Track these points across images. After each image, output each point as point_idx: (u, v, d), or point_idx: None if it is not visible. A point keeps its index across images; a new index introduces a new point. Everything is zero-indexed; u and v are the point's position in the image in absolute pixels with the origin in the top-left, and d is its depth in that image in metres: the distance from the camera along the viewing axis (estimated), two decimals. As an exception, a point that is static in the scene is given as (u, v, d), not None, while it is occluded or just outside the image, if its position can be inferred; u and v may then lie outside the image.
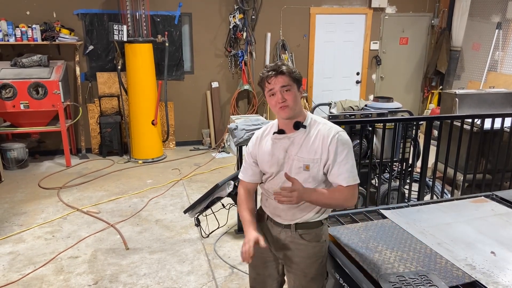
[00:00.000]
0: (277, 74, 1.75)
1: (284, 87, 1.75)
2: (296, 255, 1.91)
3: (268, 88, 1.78)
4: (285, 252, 1.94)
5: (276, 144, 1.86)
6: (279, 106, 1.76)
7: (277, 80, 1.75)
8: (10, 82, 5.34)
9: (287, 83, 1.75)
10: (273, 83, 1.75)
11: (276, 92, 1.76)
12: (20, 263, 3.43)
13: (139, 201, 4.67)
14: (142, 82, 5.91)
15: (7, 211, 4.39)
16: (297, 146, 1.82)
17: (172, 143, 6.81)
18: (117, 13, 6.01)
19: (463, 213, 2.39)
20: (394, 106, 4.26)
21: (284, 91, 1.75)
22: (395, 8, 7.34)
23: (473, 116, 3.82)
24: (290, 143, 1.83)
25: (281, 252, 1.95)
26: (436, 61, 7.50)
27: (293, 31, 6.92)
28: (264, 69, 1.80)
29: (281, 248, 1.94)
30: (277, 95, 1.76)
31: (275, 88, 1.76)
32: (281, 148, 1.85)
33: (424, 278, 1.70)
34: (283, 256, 1.96)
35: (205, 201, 3.51)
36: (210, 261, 3.47)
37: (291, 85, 1.76)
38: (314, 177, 1.81)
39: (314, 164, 1.79)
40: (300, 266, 1.91)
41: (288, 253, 1.93)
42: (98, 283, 3.17)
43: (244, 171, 2.01)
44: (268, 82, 1.77)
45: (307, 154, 1.80)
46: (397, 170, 4.24)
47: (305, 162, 1.79)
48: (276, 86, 1.75)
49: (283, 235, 1.92)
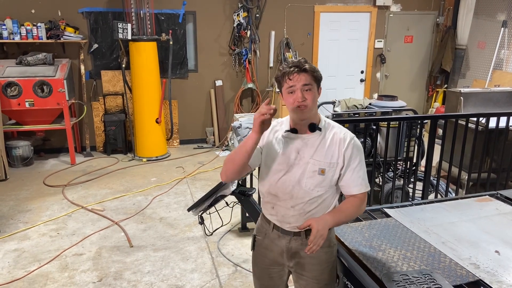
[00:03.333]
0: (300, 71, 1.65)
1: (306, 86, 1.66)
2: (308, 263, 1.84)
3: (289, 85, 1.67)
4: (296, 260, 1.86)
5: (287, 143, 1.77)
6: (298, 104, 1.66)
7: (299, 77, 1.65)
8: (15, 80, 5.36)
9: (309, 81, 1.67)
10: (294, 80, 1.66)
11: (296, 90, 1.66)
12: (25, 260, 3.45)
13: (143, 199, 4.69)
14: (146, 81, 5.92)
15: (12, 209, 4.42)
16: (311, 148, 1.74)
17: (176, 141, 6.83)
18: (121, 11, 6.02)
19: (467, 212, 2.38)
20: (398, 105, 4.25)
21: (305, 90, 1.66)
22: (400, 6, 7.31)
23: (478, 114, 3.80)
24: (303, 144, 1.75)
25: (292, 261, 1.87)
26: (441, 60, 7.47)
27: (297, 30, 6.91)
28: (285, 64, 1.70)
29: (292, 256, 1.86)
30: (296, 93, 1.66)
31: (296, 86, 1.66)
32: (293, 148, 1.76)
33: (428, 277, 1.70)
34: (294, 265, 1.88)
35: (208, 199, 3.51)
36: (214, 259, 3.48)
37: (312, 84, 1.68)
38: (328, 181, 1.75)
39: (330, 168, 1.73)
40: (313, 273, 1.85)
41: (300, 261, 1.85)
42: (103, 280, 3.19)
43: None
44: (289, 78, 1.66)
45: (323, 158, 1.73)
46: (401, 169, 4.23)
47: (321, 166, 1.73)
48: (298, 83, 1.66)
49: (293, 244, 1.83)
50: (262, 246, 1.92)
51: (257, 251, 1.96)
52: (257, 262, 1.98)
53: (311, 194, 1.75)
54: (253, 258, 2.01)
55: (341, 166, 1.74)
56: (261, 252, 1.93)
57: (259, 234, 1.94)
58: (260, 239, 1.93)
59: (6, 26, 5.48)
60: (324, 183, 1.74)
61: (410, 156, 4.02)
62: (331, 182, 1.76)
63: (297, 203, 1.76)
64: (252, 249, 1.99)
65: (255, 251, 1.97)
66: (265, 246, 1.91)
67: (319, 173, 1.73)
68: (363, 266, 1.85)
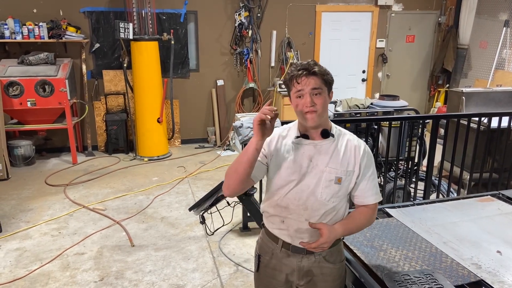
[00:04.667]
0: (309, 74, 1.55)
1: (315, 90, 1.55)
2: (321, 280, 1.74)
3: (297, 89, 1.57)
4: (308, 278, 1.74)
5: (298, 150, 1.65)
6: (307, 110, 1.56)
7: (308, 81, 1.55)
8: (17, 79, 5.37)
9: (319, 85, 1.56)
10: (303, 84, 1.55)
11: (305, 94, 1.56)
12: (27, 259, 3.46)
13: (145, 199, 4.69)
14: (148, 80, 5.92)
15: (14, 208, 4.43)
16: (325, 156, 1.63)
17: (178, 141, 6.83)
18: (123, 11, 6.03)
19: (469, 212, 2.37)
20: (400, 105, 4.25)
21: (314, 94, 1.56)
22: (402, 5, 7.30)
23: (480, 114, 3.80)
24: (316, 151, 1.64)
25: (304, 279, 1.74)
26: (443, 59, 7.45)
27: (298, 29, 6.90)
28: (293, 67, 1.59)
29: (304, 275, 1.74)
30: (305, 98, 1.56)
31: (304, 90, 1.55)
32: (305, 156, 1.64)
33: (430, 277, 1.70)
34: (305, 283, 1.75)
35: (210, 199, 3.52)
36: (215, 259, 3.48)
37: (322, 88, 1.57)
38: (344, 191, 1.66)
39: (347, 176, 1.63)
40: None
41: (313, 279, 1.74)
42: (104, 279, 3.19)
43: None
44: (297, 82, 1.56)
45: (339, 166, 1.63)
46: (403, 168, 4.22)
47: (337, 175, 1.62)
48: (306, 87, 1.55)
49: (305, 262, 1.71)
50: (269, 267, 1.78)
51: (263, 272, 1.82)
52: (262, 283, 1.85)
53: (327, 205, 1.64)
54: (257, 278, 1.87)
55: (357, 174, 1.65)
56: (268, 273, 1.80)
57: (264, 254, 1.79)
58: (267, 259, 1.78)
59: (8, 26, 5.48)
60: (340, 193, 1.65)
61: (411, 156, 4.02)
62: (346, 192, 1.67)
63: (312, 216, 1.64)
64: (256, 271, 1.85)
65: (259, 272, 1.83)
66: (273, 267, 1.77)
67: (336, 182, 1.63)
68: (365, 266, 1.84)
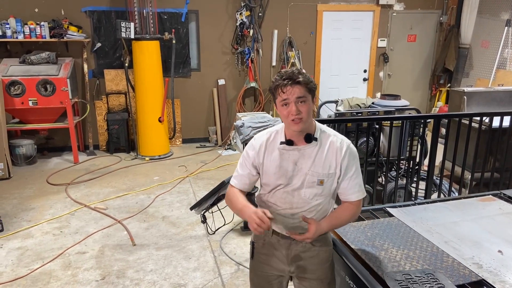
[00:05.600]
0: (294, 83, 1.60)
1: (300, 98, 1.62)
2: (310, 263, 1.85)
3: (282, 98, 1.63)
4: (298, 263, 1.85)
5: (283, 155, 1.74)
6: (292, 118, 1.63)
7: (293, 90, 1.60)
8: (18, 79, 5.38)
9: (303, 94, 1.62)
10: (288, 93, 1.61)
11: (290, 103, 1.62)
12: (29, 258, 3.47)
13: (146, 198, 4.70)
14: (149, 80, 5.93)
15: (16, 207, 4.44)
16: (308, 159, 1.72)
17: (179, 140, 6.84)
18: (124, 10, 6.04)
19: (470, 211, 2.37)
20: (401, 104, 4.24)
21: (299, 102, 1.62)
22: (403, 5, 7.29)
23: (482, 114, 3.78)
24: (300, 155, 1.73)
25: (294, 265, 1.86)
26: (444, 59, 7.44)
27: (300, 29, 6.90)
28: (278, 76, 1.65)
29: (293, 260, 1.85)
30: (291, 106, 1.62)
31: (290, 99, 1.62)
32: (290, 160, 1.74)
33: (431, 277, 1.70)
34: (295, 268, 1.86)
35: (211, 198, 3.53)
36: (216, 258, 3.48)
37: (307, 96, 1.63)
38: (327, 191, 1.77)
39: (329, 178, 1.74)
40: (315, 273, 1.86)
41: (301, 264, 1.85)
42: (106, 278, 3.20)
43: (240, 179, 1.86)
44: (282, 91, 1.62)
45: (321, 169, 1.72)
46: (404, 168, 4.22)
47: (319, 177, 1.72)
48: (291, 96, 1.61)
49: (293, 247, 1.83)
50: (262, 252, 1.90)
51: (257, 258, 1.93)
52: (256, 271, 1.95)
53: (310, 203, 1.76)
54: (252, 267, 1.97)
55: (338, 175, 1.75)
56: (261, 259, 1.91)
57: (258, 240, 1.91)
58: (259, 245, 1.90)
59: (9, 25, 5.50)
60: (324, 193, 1.76)
61: (413, 155, 4.01)
62: (329, 191, 1.78)
63: (296, 212, 1.77)
64: (251, 258, 1.95)
65: (254, 259, 1.94)
66: (265, 253, 1.89)
67: (318, 184, 1.73)
68: (366, 265, 1.85)
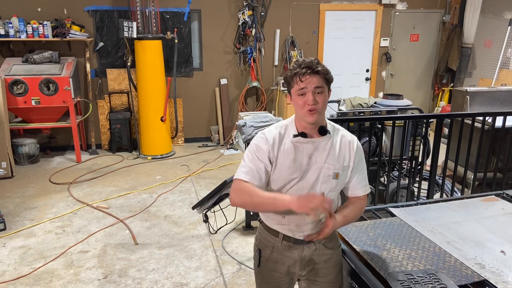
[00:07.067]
0: (313, 73, 1.56)
1: (317, 89, 1.58)
2: (323, 267, 1.80)
3: (300, 87, 1.58)
4: (310, 267, 1.80)
5: (298, 149, 1.68)
6: (309, 108, 1.58)
7: (311, 79, 1.56)
8: (21, 78, 5.39)
9: (321, 84, 1.58)
10: (306, 82, 1.56)
11: (308, 92, 1.58)
12: (31, 257, 3.48)
13: (148, 197, 4.70)
14: (152, 79, 5.93)
15: (19, 206, 4.46)
16: (323, 152, 1.68)
17: (181, 140, 6.84)
18: (127, 9, 6.04)
19: (473, 211, 2.37)
20: (404, 104, 4.23)
21: (316, 92, 1.58)
22: (406, 4, 7.27)
23: (484, 114, 3.78)
24: (314, 148, 1.68)
25: (306, 269, 1.80)
26: (447, 58, 7.42)
27: (302, 28, 6.89)
28: (296, 64, 1.60)
29: (306, 264, 1.79)
30: (308, 96, 1.57)
31: (307, 88, 1.57)
32: (304, 153, 1.68)
33: (433, 277, 1.69)
34: (307, 273, 1.81)
35: (213, 198, 3.53)
36: (218, 257, 3.49)
37: (324, 87, 1.60)
38: (340, 185, 1.73)
39: (343, 172, 1.71)
40: (327, 277, 1.81)
41: (314, 267, 1.80)
42: (108, 277, 3.20)
43: (252, 174, 1.68)
44: (300, 80, 1.57)
45: (336, 162, 1.69)
46: (406, 168, 4.21)
47: (335, 170, 1.68)
48: (310, 86, 1.57)
49: (306, 252, 1.77)
50: (271, 260, 1.81)
51: (264, 266, 1.84)
52: (264, 277, 1.86)
53: None
54: (258, 273, 1.89)
55: (351, 168, 1.73)
56: (269, 266, 1.82)
57: (265, 248, 1.82)
58: (268, 253, 1.81)
59: (12, 25, 5.51)
60: (337, 187, 1.74)
61: (415, 155, 4.00)
62: (342, 186, 1.76)
63: None
64: (257, 266, 1.86)
65: (260, 266, 1.85)
66: (274, 260, 1.81)
67: (334, 177, 1.69)
68: (368, 265, 1.84)
